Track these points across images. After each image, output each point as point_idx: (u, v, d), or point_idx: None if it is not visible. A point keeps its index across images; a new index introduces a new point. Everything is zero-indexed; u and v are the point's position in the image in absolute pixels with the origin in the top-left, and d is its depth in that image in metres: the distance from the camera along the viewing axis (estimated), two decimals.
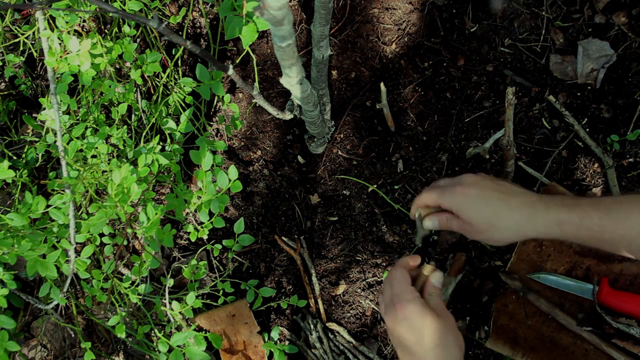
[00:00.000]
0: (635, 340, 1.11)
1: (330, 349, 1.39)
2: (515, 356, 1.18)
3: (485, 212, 0.78)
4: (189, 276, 1.31)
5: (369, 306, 1.42)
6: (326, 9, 1.09)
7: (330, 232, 1.48)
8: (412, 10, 1.51)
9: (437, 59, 1.49)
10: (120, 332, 1.19)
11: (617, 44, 1.36)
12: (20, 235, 0.97)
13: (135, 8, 1.15)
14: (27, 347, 1.46)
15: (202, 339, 1.17)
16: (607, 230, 0.73)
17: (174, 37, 0.76)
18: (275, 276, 1.50)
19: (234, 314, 1.42)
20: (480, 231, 0.79)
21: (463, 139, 1.43)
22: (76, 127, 1.15)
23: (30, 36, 1.41)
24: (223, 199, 1.09)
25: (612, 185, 1.29)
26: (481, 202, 0.79)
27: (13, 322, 1.06)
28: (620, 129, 1.33)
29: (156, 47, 1.49)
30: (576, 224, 0.74)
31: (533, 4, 1.43)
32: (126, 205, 0.98)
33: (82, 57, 1.07)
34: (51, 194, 1.07)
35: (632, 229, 0.72)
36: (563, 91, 1.39)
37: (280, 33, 0.77)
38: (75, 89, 1.36)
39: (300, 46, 1.57)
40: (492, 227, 0.78)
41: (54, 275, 1.02)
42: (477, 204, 0.79)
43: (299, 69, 0.94)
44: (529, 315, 1.20)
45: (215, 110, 1.60)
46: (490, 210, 0.78)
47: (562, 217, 0.74)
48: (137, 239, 1.54)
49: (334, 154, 1.52)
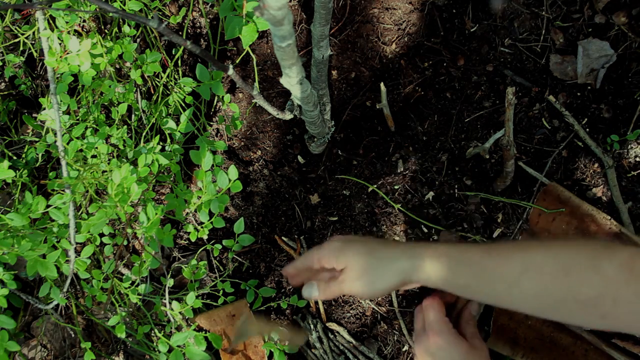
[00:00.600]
0: (635, 340, 1.11)
1: (330, 349, 1.39)
2: (515, 356, 1.18)
3: (356, 261, 0.76)
4: (189, 276, 1.31)
5: (369, 306, 1.42)
6: (326, 9, 1.09)
7: (330, 232, 1.48)
8: (412, 10, 1.51)
9: (437, 59, 1.49)
10: (120, 332, 1.19)
11: (617, 44, 1.36)
12: (20, 235, 0.97)
13: (135, 8, 1.15)
14: (27, 347, 1.46)
15: (202, 339, 1.17)
16: (488, 268, 0.67)
17: (174, 37, 0.76)
18: (275, 276, 1.50)
19: (234, 314, 1.42)
20: (358, 277, 0.76)
21: (463, 139, 1.43)
22: (76, 127, 1.15)
23: (30, 36, 1.41)
24: (223, 199, 1.09)
25: (612, 185, 1.29)
26: (351, 250, 0.78)
27: (13, 322, 1.06)
28: (620, 129, 1.33)
29: (156, 47, 1.49)
30: (455, 257, 0.70)
31: (533, 4, 1.43)
32: (126, 205, 0.98)
33: (82, 57, 1.07)
34: (51, 194, 1.07)
35: (514, 270, 0.65)
36: (563, 91, 1.39)
37: (280, 33, 0.77)
38: (75, 89, 1.36)
39: (300, 46, 1.57)
40: (365, 278, 0.75)
41: (54, 275, 1.02)
42: (349, 251, 0.78)
43: (299, 69, 0.94)
44: (529, 315, 1.20)
45: (215, 110, 1.60)
46: (363, 257, 0.76)
47: (441, 250, 0.71)
48: (137, 239, 1.54)
49: (334, 154, 1.52)
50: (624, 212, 1.27)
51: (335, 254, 0.79)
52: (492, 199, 1.36)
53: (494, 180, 1.37)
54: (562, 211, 1.25)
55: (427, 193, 1.42)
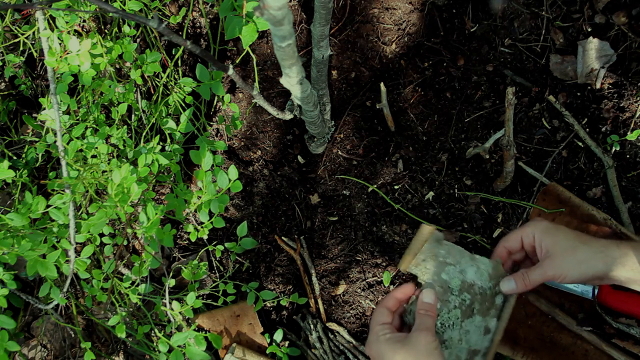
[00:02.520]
0: (635, 340, 1.11)
1: (330, 349, 1.39)
2: (515, 356, 1.18)
3: (564, 241, 0.76)
4: (189, 277, 1.31)
5: (368, 306, 1.42)
6: (326, 9, 1.09)
7: (330, 232, 1.48)
8: (412, 10, 1.51)
9: (437, 59, 1.49)
10: (120, 332, 1.19)
11: (617, 44, 1.36)
12: (20, 235, 0.97)
13: (135, 8, 1.15)
14: (27, 347, 1.46)
15: (202, 339, 1.17)
16: None
17: (174, 37, 0.76)
18: (275, 276, 1.50)
19: (238, 314, 1.42)
20: (565, 258, 0.75)
21: (463, 139, 1.43)
22: (76, 127, 1.15)
23: (30, 36, 1.41)
24: (223, 199, 1.09)
25: (612, 186, 1.29)
26: (559, 232, 0.77)
27: (13, 322, 1.05)
28: (620, 129, 1.33)
29: (156, 47, 1.49)
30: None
31: (533, 4, 1.43)
32: (126, 205, 0.98)
33: (82, 57, 1.07)
34: (51, 194, 1.07)
35: None
36: (563, 91, 1.39)
37: (280, 33, 0.77)
38: (75, 89, 1.36)
39: (300, 46, 1.57)
40: (572, 256, 0.74)
41: (54, 275, 1.02)
42: (557, 232, 0.77)
43: (299, 69, 0.94)
44: (529, 315, 1.20)
45: (215, 110, 1.60)
46: (570, 239, 0.75)
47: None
48: (137, 239, 1.54)
49: (334, 154, 1.52)
50: (624, 212, 1.27)
51: (540, 233, 0.78)
52: (492, 199, 1.36)
53: (494, 180, 1.37)
54: (562, 211, 1.25)
55: (427, 193, 1.42)
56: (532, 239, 0.80)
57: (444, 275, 0.80)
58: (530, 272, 0.78)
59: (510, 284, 0.80)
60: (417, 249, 0.81)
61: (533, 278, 0.78)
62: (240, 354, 1.34)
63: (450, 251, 0.81)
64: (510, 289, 0.79)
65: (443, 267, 0.81)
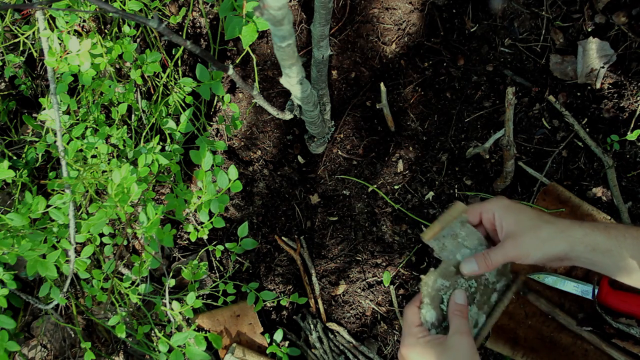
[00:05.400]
0: (635, 340, 1.11)
1: (330, 349, 1.39)
2: (515, 356, 1.18)
3: (527, 220, 0.73)
4: (189, 277, 1.31)
5: (369, 306, 1.42)
6: (326, 9, 1.09)
7: (330, 232, 1.48)
8: (412, 10, 1.51)
9: (437, 59, 1.49)
10: (120, 332, 1.19)
11: (617, 44, 1.36)
12: (20, 235, 0.97)
13: (135, 8, 1.15)
14: (27, 347, 1.46)
15: (202, 339, 1.17)
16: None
17: (174, 37, 0.76)
18: (275, 276, 1.50)
19: (238, 314, 1.42)
20: (526, 237, 0.73)
21: (463, 139, 1.43)
22: (76, 127, 1.15)
23: (30, 36, 1.41)
24: (223, 199, 1.09)
25: (612, 185, 1.29)
26: (521, 211, 0.74)
27: (13, 322, 1.06)
28: (620, 129, 1.33)
29: (156, 47, 1.49)
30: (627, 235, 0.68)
31: (533, 4, 1.43)
32: (126, 205, 0.98)
33: (82, 57, 1.07)
34: (51, 194, 1.07)
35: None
36: (563, 91, 1.39)
37: (280, 33, 0.77)
38: (75, 89, 1.36)
39: (300, 46, 1.57)
40: (535, 236, 0.72)
41: (54, 275, 1.02)
42: (519, 211, 0.74)
43: (299, 69, 0.94)
44: (529, 315, 1.20)
45: (215, 110, 1.60)
46: (533, 218, 0.73)
47: (615, 231, 0.70)
48: (137, 239, 1.54)
49: (334, 154, 1.52)
50: (624, 212, 1.27)
51: (501, 211, 0.75)
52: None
53: (494, 180, 1.37)
54: (562, 211, 1.25)
55: (427, 193, 1.42)
56: (492, 217, 0.77)
57: (458, 256, 0.80)
58: (491, 253, 0.75)
59: (472, 264, 0.77)
60: (446, 223, 0.80)
61: (495, 259, 0.75)
62: (240, 354, 1.34)
63: (470, 235, 0.80)
64: (472, 270, 0.76)
65: (460, 249, 0.80)
